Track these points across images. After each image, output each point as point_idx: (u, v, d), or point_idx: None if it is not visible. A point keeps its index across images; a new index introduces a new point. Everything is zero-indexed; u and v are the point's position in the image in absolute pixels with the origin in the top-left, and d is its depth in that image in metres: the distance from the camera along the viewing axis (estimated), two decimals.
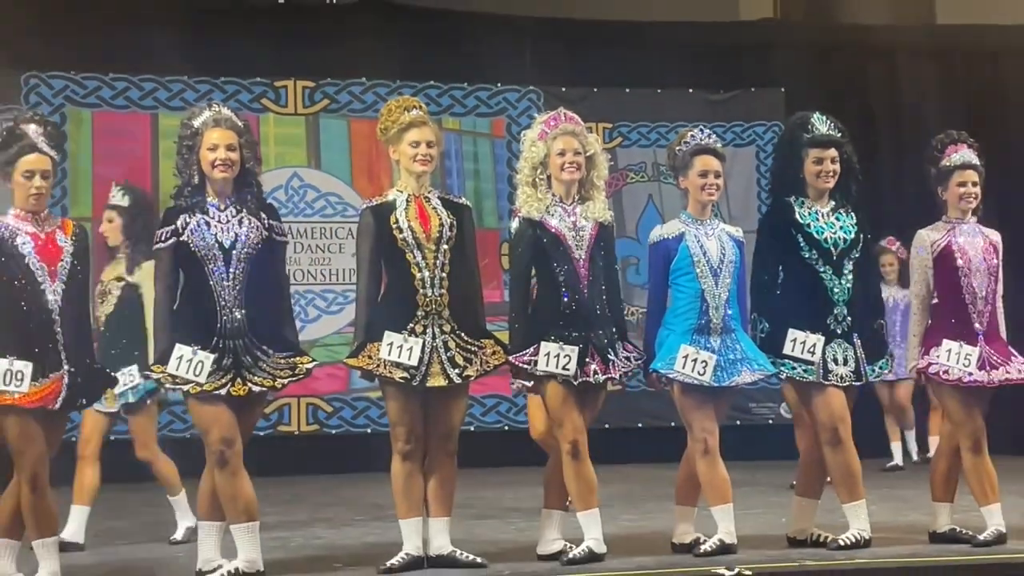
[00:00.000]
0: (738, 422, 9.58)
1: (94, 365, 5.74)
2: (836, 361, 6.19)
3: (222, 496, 5.64)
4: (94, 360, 5.77)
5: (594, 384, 6.00)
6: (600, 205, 6.14)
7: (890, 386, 9.83)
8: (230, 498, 5.61)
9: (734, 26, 12.76)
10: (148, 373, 5.72)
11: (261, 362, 5.66)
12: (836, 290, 6.23)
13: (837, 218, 6.32)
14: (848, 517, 6.19)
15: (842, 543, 6.12)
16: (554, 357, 5.90)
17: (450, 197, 6.13)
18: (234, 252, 5.63)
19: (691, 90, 12.21)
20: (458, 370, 5.82)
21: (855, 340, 6.24)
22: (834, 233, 6.27)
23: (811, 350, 6.14)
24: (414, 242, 5.84)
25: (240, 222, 5.68)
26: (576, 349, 5.91)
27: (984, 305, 6.36)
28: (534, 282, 6.10)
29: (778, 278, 6.31)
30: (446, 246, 5.88)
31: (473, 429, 10.35)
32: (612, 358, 6.04)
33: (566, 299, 5.99)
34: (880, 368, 6.37)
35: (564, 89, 11.72)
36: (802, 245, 6.22)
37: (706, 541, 6.06)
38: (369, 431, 11.09)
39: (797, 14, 13.04)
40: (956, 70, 12.07)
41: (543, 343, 5.92)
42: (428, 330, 5.81)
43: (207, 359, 5.54)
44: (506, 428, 11.42)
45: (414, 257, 5.84)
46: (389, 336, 5.76)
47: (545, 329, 5.97)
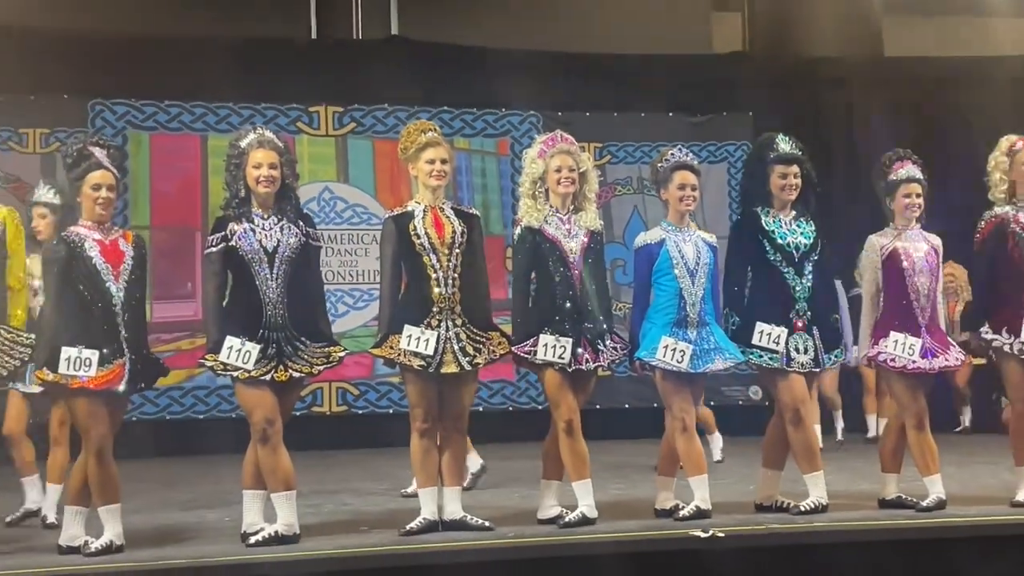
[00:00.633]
0: (712, 403, 9.57)
1: (150, 354, 5.76)
2: (798, 350, 6.19)
3: (264, 468, 5.66)
4: (149, 350, 5.79)
5: (586, 371, 6.02)
6: (591, 215, 6.15)
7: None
8: (271, 470, 5.63)
9: (708, 58, 12.76)
10: (202, 361, 5.73)
11: (300, 351, 5.68)
12: (798, 288, 6.23)
13: (798, 225, 6.32)
14: (808, 486, 6.20)
15: (803, 508, 6.14)
16: (551, 347, 5.91)
17: (461, 207, 6.13)
18: (276, 256, 5.65)
19: (671, 114, 12.22)
20: (468, 358, 5.83)
21: (814, 332, 6.24)
22: (796, 238, 6.27)
23: (776, 341, 6.15)
24: (430, 247, 5.85)
25: (281, 229, 5.70)
26: (570, 340, 5.93)
27: (926, 301, 6.36)
28: (533, 282, 6.13)
29: (747, 278, 6.32)
30: (458, 250, 5.89)
31: (481, 409, 10.35)
32: (602, 348, 6.06)
33: (561, 297, 6.01)
34: (836, 356, 6.37)
35: (560, 113, 11.73)
36: (768, 249, 6.23)
37: (684, 507, 6.06)
38: (391, 412, 11.09)
39: (763, 48, 13.03)
40: (901, 96, 12.07)
41: (542, 335, 5.93)
42: (442, 323, 5.83)
43: (254, 349, 5.56)
44: (510, 409, 11.43)
45: (430, 260, 5.85)
46: (408, 329, 5.78)
47: (543, 323, 5.98)
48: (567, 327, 5.96)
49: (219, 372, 5.66)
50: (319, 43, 12.14)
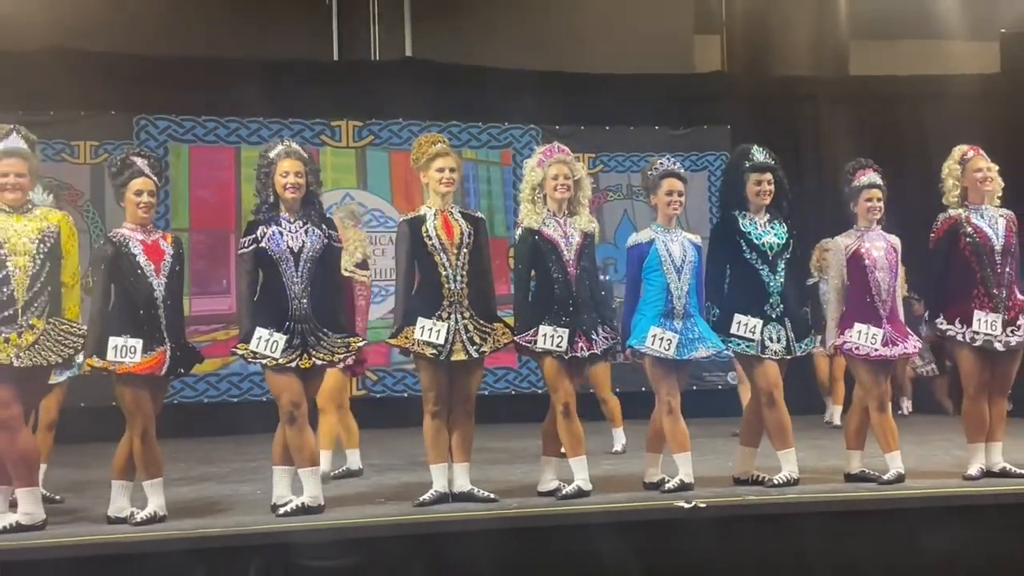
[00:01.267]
0: (695, 387, 9.53)
1: (187, 343, 5.75)
2: (771, 339, 6.18)
3: (291, 446, 5.66)
4: (187, 339, 5.78)
5: (581, 358, 6.00)
6: (585, 218, 6.14)
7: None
8: (297, 448, 5.63)
9: (691, 77, 12.74)
10: (234, 350, 5.72)
11: (322, 341, 5.67)
12: (771, 284, 6.22)
13: (772, 227, 6.31)
14: (781, 461, 6.20)
15: (776, 482, 6.14)
16: (550, 337, 5.90)
17: (468, 211, 6.12)
18: (301, 256, 5.64)
19: (657, 127, 12.17)
20: (475, 347, 5.82)
21: (786, 323, 6.23)
22: (769, 239, 6.26)
23: (752, 331, 6.14)
24: (440, 247, 5.84)
25: (306, 232, 5.69)
26: (567, 331, 5.92)
27: (887, 295, 6.35)
28: (533, 278, 6.11)
29: (726, 274, 6.30)
30: (465, 250, 5.88)
31: (487, 393, 10.32)
32: (595, 337, 6.04)
33: (558, 292, 5.99)
34: (806, 345, 6.36)
35: (558, 127, 11.68)
36: (744, 248, 6.22)
37: (670, 481, 6.06)
38: (406, 395, 11.09)
39: (740, 68, 13.02)
40: (864, 111, 12.07)
41: (541, 326, 5.92)
42: (451, 316, 5.81)
43: (281, 339, 5.55)
44: (512, 392, 11.41)
45: (440, 259, 5.84)
46: (421, 321, 5.77)
47: (542, 315, 5.97)
48: (564, 318, 5.94)
49: (250, 360, 5.65)
50: (340, 64, 12.15)
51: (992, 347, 6.27)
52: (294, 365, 5.56)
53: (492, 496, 5.87)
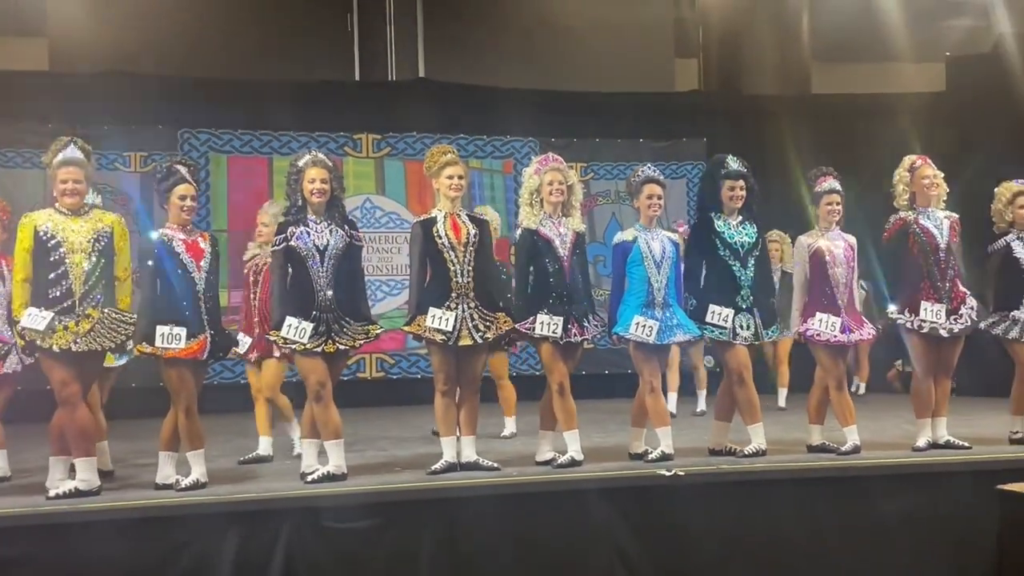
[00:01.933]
0: None
1: (225, 331, 5.75)
2: (742, 327, 6.16)
3: (318, 421, 5.65)
4: (223, 326, 5.76)
5: (574, 343, 5.99)
6: (577, 220, 6.13)
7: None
8: (323, 423, 5.62)
9: (671, 96, 12.72)
10: (267, 337, 5.71)
11: (345, 329, 5.65)
12: (742, 278, 6.20)
13: (743, 227, 6.28)
14: (751, 435, 6.19)
15: (747, 452, 6.13)
16: (546, 325, 5.89)
17: (474, 214, 6.11)
18: (326, 253, 5.63)
19: (640, 140, 12.16)
20: (480, 334, 5.80)
21: (755, 312, 6.21)
22: (741, 238, 6.24)
23: (724, 319, 6.12)
24: (449, 246, 5.82)
25: (330, 232, 5.67)
26: (561, 319, 5.91)
27: (844, 288, 6.35)
28: (532, 273, 6.10)
29: (702, 269, 6.28)
30: (472, 248, 5.86)
31: (490, 375, 10.30)
32: (586, 325, 6.03)
33: (554, 284, 5.98)
34: (772, 332, 6.33)
35: (553, 139, 11.67)
36: (719, 246, 6.20)
37: (652, 452, 6.05)
38: (419, 377, 11.07)
39: (715, 88, 13.02)
40: (825, 125, 12.00)
41: (539, 315, 5.91)
42: (459, 306, 5.79)
43: (308, 327, 5.54)
44: (514, 375, 11.31)
45: (449, 256, 5.82)
46: (432, 311, 5.75)
47: (540, 305, 5.95)
48: (558, 308, 5.94)
49: (280, 345, 5.63)
50: (361, 84, 12.13)
51: (938, 334, 6.26)
52: (320, 350, 5.55)
53: (495, 465, 5.87)
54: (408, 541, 5.31)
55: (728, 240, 6.20)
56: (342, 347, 5.63)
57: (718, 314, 6.11)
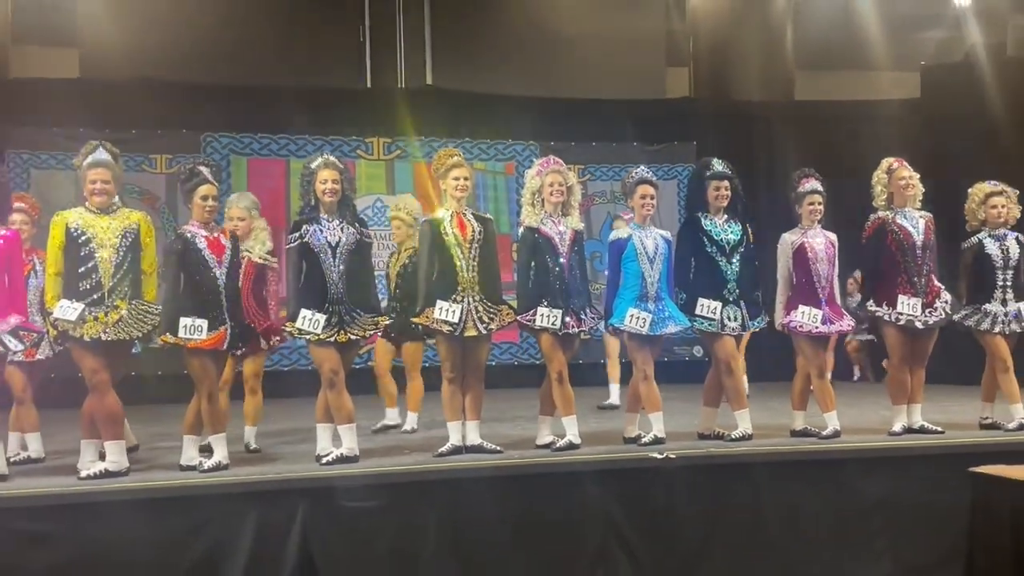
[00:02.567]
0: (666, 358, 9.49)
1: (243, 322, 5.72)
2: (729, 319, 6.15)
3: (332, 407, 5.63)
4: (242, 319, 5.74)
5: (572, 334, 5.97)
6: (576, 218, 6.10)
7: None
8: (337, 408, 5.61)
9: (663, 102, 12.68)
10: (284, 327, 5.69)
11: (356, 320, 5.63)
12: (729, 273, 6.19)
13: (729, 226, 6.27)
14: (737, 420, 6.18)
15: (734, 436, 6.12)
16: (546, 316, 5.87)
17: (479, 213, 6.07)
18: (338, 249, 5.60)
19: (634, 144, 12.09)
20: (484, 325, 5.79)
21: (741, 305, 6.20)
22: (727, 236, 6.23)
23: (713, 312, 6.12)
24: (455, 242, 5.81)
25: (342, 229, 5.65)
26: (560, 311, 5.88)
27: (825, 282, 6.33)
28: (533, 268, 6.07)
29: (691, 265, 6.26)
30: (476, 245, 5.84)
31: (494, 364, 10.25)
32: (584, 317, 6.01)
33: (553, 279, 5.95)
34: (758, 323, 6.33)
35: (553, 143, 11.62)
36: (706, 243, 6.19)
37: (645, 436, 6.04)
38: (427, 365, 10.98)
39: (704, 95, 12.98)
40: (807, 130, 11.98)
41: (539, 308, 5.89)
42: (465, 299, 5.78)
43: (321, 318, 5.52)
44: (515, 363, 11.37)
45: (456, 252, 5.81)
46: (440, 303, 5.74)
47: (540, 299, 5.93)
48: (558, 301, 5.91)
49: (296, 335, 5.63)
50: (372, 91, 12.07)
51: (914, 326, 6.25)
52: (333, 340, 5.53)
53: (498, 448, 5.86)
54: (416, 518, 5.30)
55: (715, 237, 6.18)
56: (353, 337, 5.61)
57: (707, 306, 6.10)
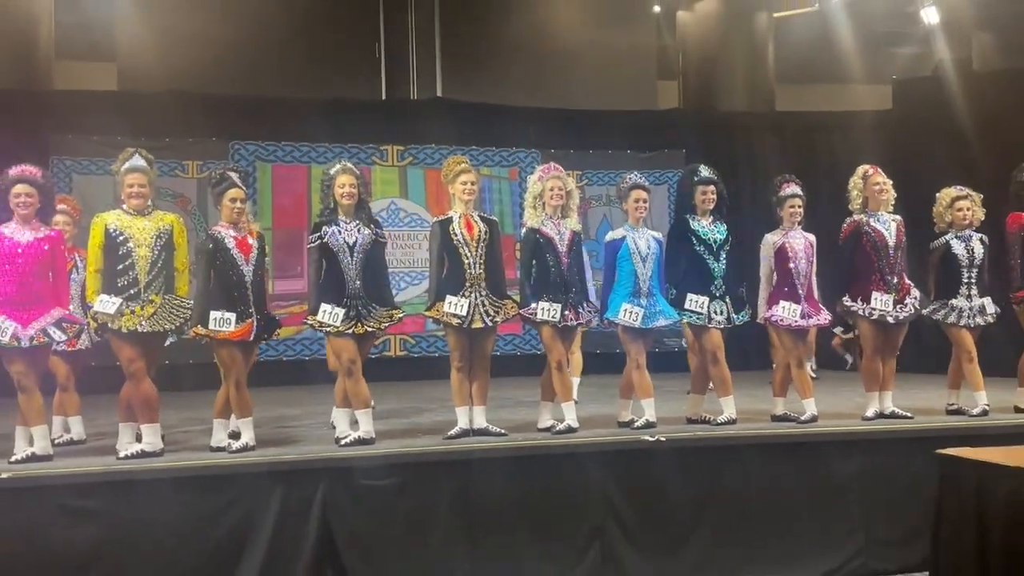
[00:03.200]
0: (657, 350, 9.51)
1: (270, 315, 5.71)
2: (715, 313, 6.16)
3: (350, 393, 5.64)
4: (268, 311, 5.73)
5: (571, 327, 5.98)
6: (574, 220, 6.10)
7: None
8: (355, 394, 5.62)
9: (655, 112, 12.70)
10: (306, 321, 5.71)
11: (372, 313, 5.64)
12: (715, 270, 6.19)
13: (715, 227, 6.27)
14: (723, 406, 6.19)
15: (720, 421, 6.12)
16: (546, 310, 5.87)
17: (485, 215, 6.07)
18: (355, 249, 5.61)
19: (628, 151, 12.10)
20: (490, 318, 5.79)
21: (727, 300, 6.21)
22: (714, 236, 6.22)
23: (700, 306, 6.12)
24: (463, 242, 5.81)
25: (358, 230, 5.65)
26: (560, 305, 5.89)
27: (804, 280, 6.33)
28: (534, 266, 6.08)
29: (681, 263, 6.26)
30: (483, 244, 5.84)
31: (498, 354, 10.21)
32: (581, 311, 6.02)
33: (553, 276, 5.96)
34: (742, 317, 6.32)
35: (553, 150, 11.61)
36: (695, 243, 6.18)
37: (638, 420, 6.05)
38: (437, 355, 11.06)
39: (693, 106, 12.98)
40: (788, 139, 12.02)
41: (540, 302, 5.89)
42: (472, 294, 5.79)
43: (340, 312, 5.53)
44: (518, 354, 11.38)
45: (464, 251, 5.81)
46: (449, 298, 5.75)
47: (541, 294, 5.93)
48: (557, 296, 5.92)
49: (316, 328, 5.64)
50: (387, 102, 12.11)
51: (886, 320, 6.26)
52: (350, 332, 5.55)
53: (503, 432, 5.86)
54: (427, 496, 5.32)
55: (703, 237, 6.18)
56: (370, 329, 5.62)
57: (695, 301, 6.11)
